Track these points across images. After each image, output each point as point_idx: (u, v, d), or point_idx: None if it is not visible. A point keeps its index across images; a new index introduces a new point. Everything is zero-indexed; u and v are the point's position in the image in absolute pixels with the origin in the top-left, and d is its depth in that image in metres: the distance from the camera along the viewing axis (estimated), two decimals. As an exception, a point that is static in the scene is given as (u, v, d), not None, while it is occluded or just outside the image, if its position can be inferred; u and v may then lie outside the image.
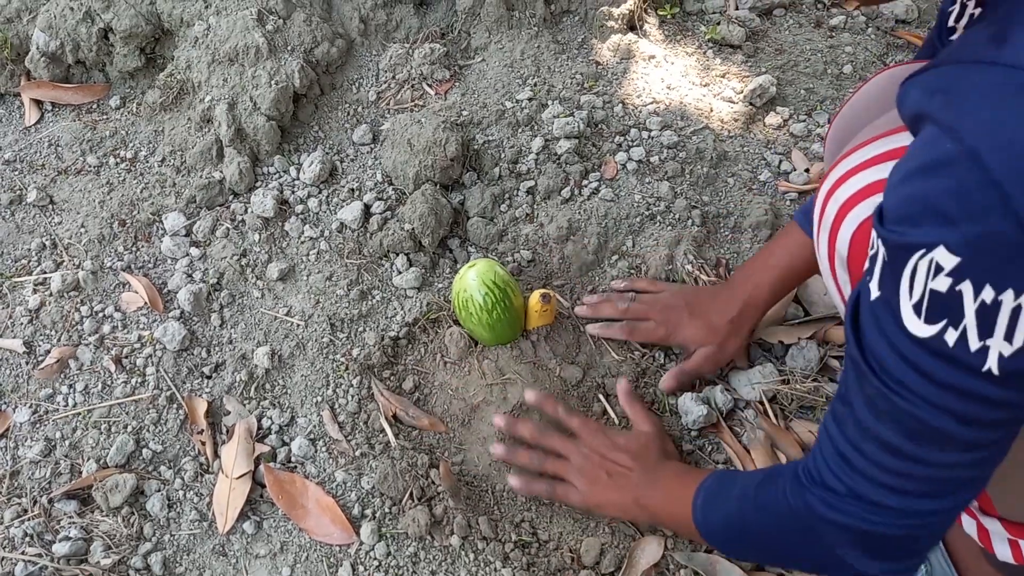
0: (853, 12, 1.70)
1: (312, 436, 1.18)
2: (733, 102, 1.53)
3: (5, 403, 1.22)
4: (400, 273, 1.33)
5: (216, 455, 1.17)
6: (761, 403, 1.20)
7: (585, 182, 1.39)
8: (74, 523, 1.10)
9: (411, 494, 1.11)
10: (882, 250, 0.58)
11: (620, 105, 1.47)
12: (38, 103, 1.56)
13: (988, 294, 0.51)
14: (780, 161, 1.45)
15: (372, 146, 1.48)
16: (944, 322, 0.54)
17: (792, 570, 1.04)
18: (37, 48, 1.53)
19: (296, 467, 1.16)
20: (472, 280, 1.18)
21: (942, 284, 0.53)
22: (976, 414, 0.57)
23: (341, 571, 1.08)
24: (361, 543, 1.10)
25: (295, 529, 1.11)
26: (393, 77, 1.55)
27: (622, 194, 1.37)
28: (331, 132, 1.50)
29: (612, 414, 1.20)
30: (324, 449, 1.17)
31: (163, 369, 1.23)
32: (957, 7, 0.82)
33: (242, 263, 1.34)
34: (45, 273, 1.33)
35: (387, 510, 1.12)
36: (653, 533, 1.10)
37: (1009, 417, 0.59)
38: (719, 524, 0.88)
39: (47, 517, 1.11)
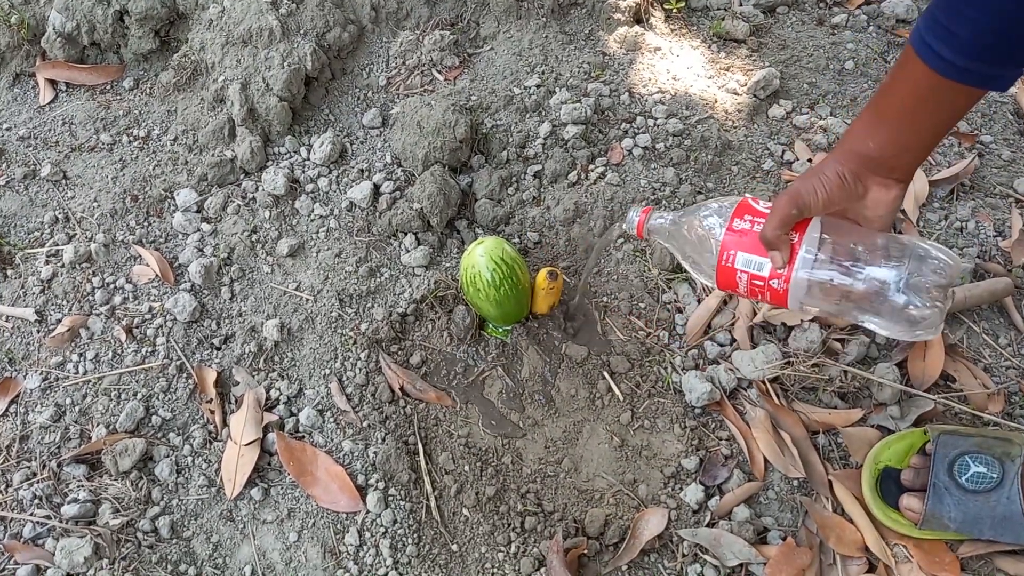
0: (854, 11, 1.73)
1: (320, 407, 1.20)
2: (737, 94, 1.56)
3: (16, 370, 1.23)
4: (408, 251, 1.34)
5: (225, 423, 1.18)
6: (763, 383, 1.21)
7: (591, 167, 1.42)
8: (83, 486, 1.11)
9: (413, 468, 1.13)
10: None
11: (627, 93, 1.50)
12: (53, 83, 1.59)
13: None
14: (783, 151, 1.47)
15: (381, 129, 1.50)
16: None
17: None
18: (53, 29, 1.56)
19: (304, 436, 1.18)
20: (480, 256, 1.20)
21: None
22: None
23: (347, 538, 1.09)
24: (368, 511, 1.11)
25: (302, 496, 1.12)
26: (403, 63, 1.57)
27: (628, 179, 1.40)
28: (341, 115, 1.53)
29: (616, 391, 1.21)
30: (331, 419, 1.19)
31: (173, 339, 1.25)
32: None
33: (252, 239, 1.35)
34: (58, 245, 1.35)
35: (393, 480, 1.13)
36: (657, 505, 1.11)
37: None
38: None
39: (56, 480, 1.12)
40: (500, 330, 1.27)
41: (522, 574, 1.06)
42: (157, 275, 1.31)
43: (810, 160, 1.44)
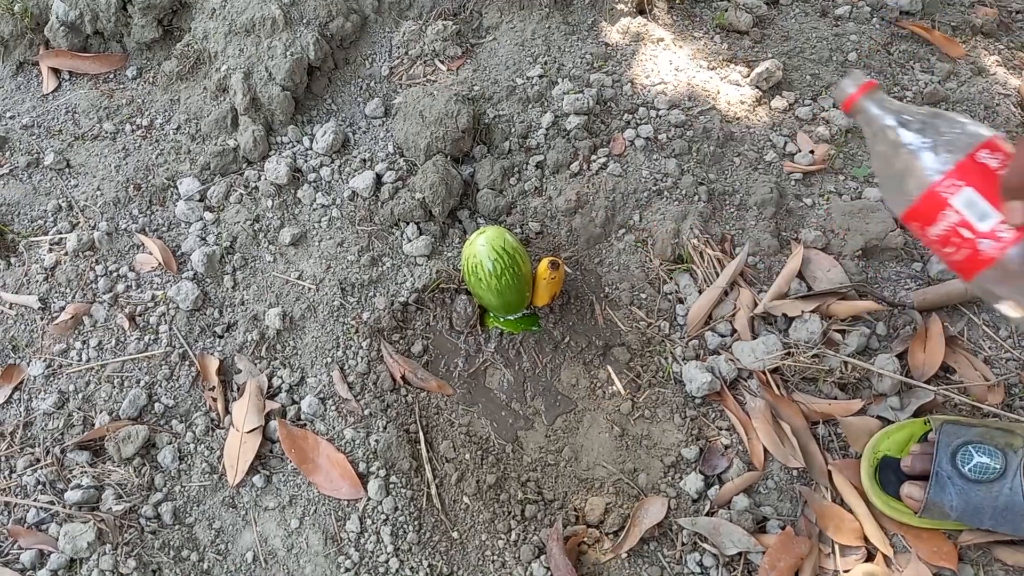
0: (858, 3, 1.73)
1: (322, 395, 1.20)
2: (740, 85, 1.56)
3: (20, 357, 1.24)
4: (410, 241, 1.35)
5: (227, 411, 1.19)
6: (764, 373, 1.22)
7: (594, 157, 1.42)
8: (86, 472, 1.12)
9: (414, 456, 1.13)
10: None
11: (629, 84, 1.50)
12: (56, 72, 1.59)
13: None
14: (785, 143, 1.47)
15: (384, 119, 1.50)
16: None
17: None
18: (56, 18, 1.56)
19: (305, 424, 1.18)
20: (482, 246, 1.20)
21: None
22: None
23: (349, 524, 1.10)
24: (369, 498, 1.11)
25: (304, 483, 1.13)
26: (406, 53, 1.57)
27: (630, 169, 1.40)
28: (344, 105, 1.53)
29: (617, 383, 1.22)
30: (333, 407, 1.19)
31: (176, 327, 1.25)
32: None
33: (255, 228, 1.36)
34: (61, 233, 1.35)
35: (394, 469, 1.13)
36: (656, 494, 1.12)
37: None
38: None
39: (59, 466, 1.13)
40: (501, 320, 1.27)
41: (522, 562, 1.07)
42: (160, 263, 1.31)
43: (812, 152, 1.44)
